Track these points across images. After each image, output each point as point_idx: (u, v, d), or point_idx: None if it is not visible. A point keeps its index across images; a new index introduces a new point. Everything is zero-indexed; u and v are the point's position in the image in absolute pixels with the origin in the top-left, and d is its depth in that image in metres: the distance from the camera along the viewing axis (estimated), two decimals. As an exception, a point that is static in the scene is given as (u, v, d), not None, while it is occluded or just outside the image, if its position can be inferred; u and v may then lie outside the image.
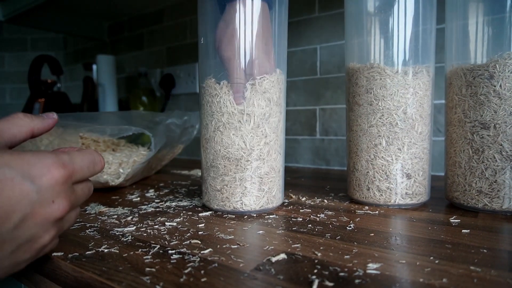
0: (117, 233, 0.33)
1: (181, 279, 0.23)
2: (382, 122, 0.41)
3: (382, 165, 0.41)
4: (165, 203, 0.45)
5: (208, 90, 0.40)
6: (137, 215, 0.39)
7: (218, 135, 0.39)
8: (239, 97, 0.38)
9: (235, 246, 0.29)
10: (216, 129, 0.39)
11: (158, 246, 0.29)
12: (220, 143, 0.39)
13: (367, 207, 0.41)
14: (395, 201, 0.41)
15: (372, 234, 0.32)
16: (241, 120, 0.38)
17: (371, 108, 0.41)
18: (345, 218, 0.37)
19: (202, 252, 0.28)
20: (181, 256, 0.27)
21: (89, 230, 0.34)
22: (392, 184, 0.41)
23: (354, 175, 0.44)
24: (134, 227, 0.35)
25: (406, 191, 0.41)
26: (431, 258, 0.26)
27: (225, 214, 0.39)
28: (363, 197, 0.42)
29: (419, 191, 0.41)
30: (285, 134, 0.44)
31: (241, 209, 0.39)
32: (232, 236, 0.32)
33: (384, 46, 0.41)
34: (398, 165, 0.40)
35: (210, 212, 0.40)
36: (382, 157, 0.41)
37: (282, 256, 0.27)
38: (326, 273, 0.24)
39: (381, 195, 0.41)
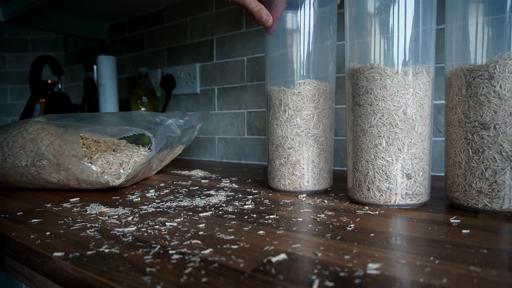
0: (117, 233, 0.33)
1: (182, 279, 0.23)
2: (382, 123, 0.41)
3: (382, 166, 0.41)
4: (165, 203, 0.45)
5: (271, 93, 0.52)
6: (137, 215, 0.39)
7: (271, 125, 0.52)
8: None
9: (236, 246, 0.29)
10: (271, 120, 0.52)
11: (159, 246, 0.29)
12: (269, 131, 0.53)
13: (367, 207, 0.41)
14: (395, 202, 0.41)
15: (372, 234, 0.32)
16: (280, 111, 0.50)
17: (371, 108, 0.41)
18: (345, 218, 0.37)
19: (202, 252, 0.28)
20: (181, 256, 0.27)
21: (90, 230, 0.34)
22: (392, 184, 0.41)
23: (354, 176, 0.44)
24: (135, 227, 0.35)
25: (406, 192, 0.41)
26: (431, 258, 0.26)
27: (225, 214, 0.39)
28: (363, 197, 0.42)
29: (419, 192, 0.41)
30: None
31: (281, 188, 0.51)
32: (233, 236, 0.32)
33: (384, 46, 0.41)
34: (398, 166, 0.40)
35: (210, 212, 0.40)
36: (382, 157, 0.41)
37: (283, 256, 0.27)
38: (326, 273, 0.24)
39: (381, 195, 0.41)
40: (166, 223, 0.36)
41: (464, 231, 0.32)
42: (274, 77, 0.52)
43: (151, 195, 0.50)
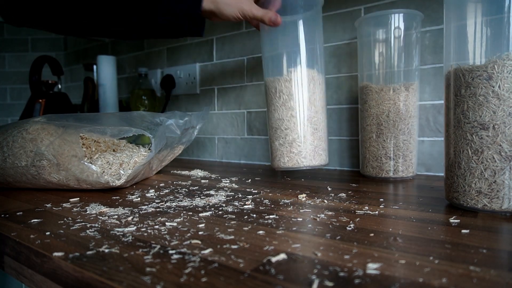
0: (117, 233, 0.33)
1: (182, 279, 0.23)
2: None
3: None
4: (165, 203, 0.45)
5: (267, 84, 0.58)
6: (137, 215, 0.39)
7: (269, 112, 0.59)
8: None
9: (235, 246, 0.29)
10: (269, 107, 0.59)
11: (159, 246, 0.29)
12: (268, 117, 0.60)
13: (367, 207, 0.42)
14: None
15: (372, 234, 0.32)
16: (276, 97, 0.57)
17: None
18: (345, 218, 0.37)
19: (202, 252, 0.28)
20: (181, 256, 0.27)
21: (90, 230, 0.34)
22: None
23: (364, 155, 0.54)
24: (135, 227, 0.35)
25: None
26: (431, 258, 0.26)
27: (225, 214, 0.39)
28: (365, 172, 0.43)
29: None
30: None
31: (281, 166, 0.57)
32: (232, 236, 0.32)
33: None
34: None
35: (210, 212, 0.40)
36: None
37: (282, 256, 0.27)
38: (326, 273, 0.24)
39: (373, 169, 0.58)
40: (166, 223, 0.36)
41: (463, 231, 0.32)
42: (269, 70, 0.60)
43: (151, 195, 0.50)
